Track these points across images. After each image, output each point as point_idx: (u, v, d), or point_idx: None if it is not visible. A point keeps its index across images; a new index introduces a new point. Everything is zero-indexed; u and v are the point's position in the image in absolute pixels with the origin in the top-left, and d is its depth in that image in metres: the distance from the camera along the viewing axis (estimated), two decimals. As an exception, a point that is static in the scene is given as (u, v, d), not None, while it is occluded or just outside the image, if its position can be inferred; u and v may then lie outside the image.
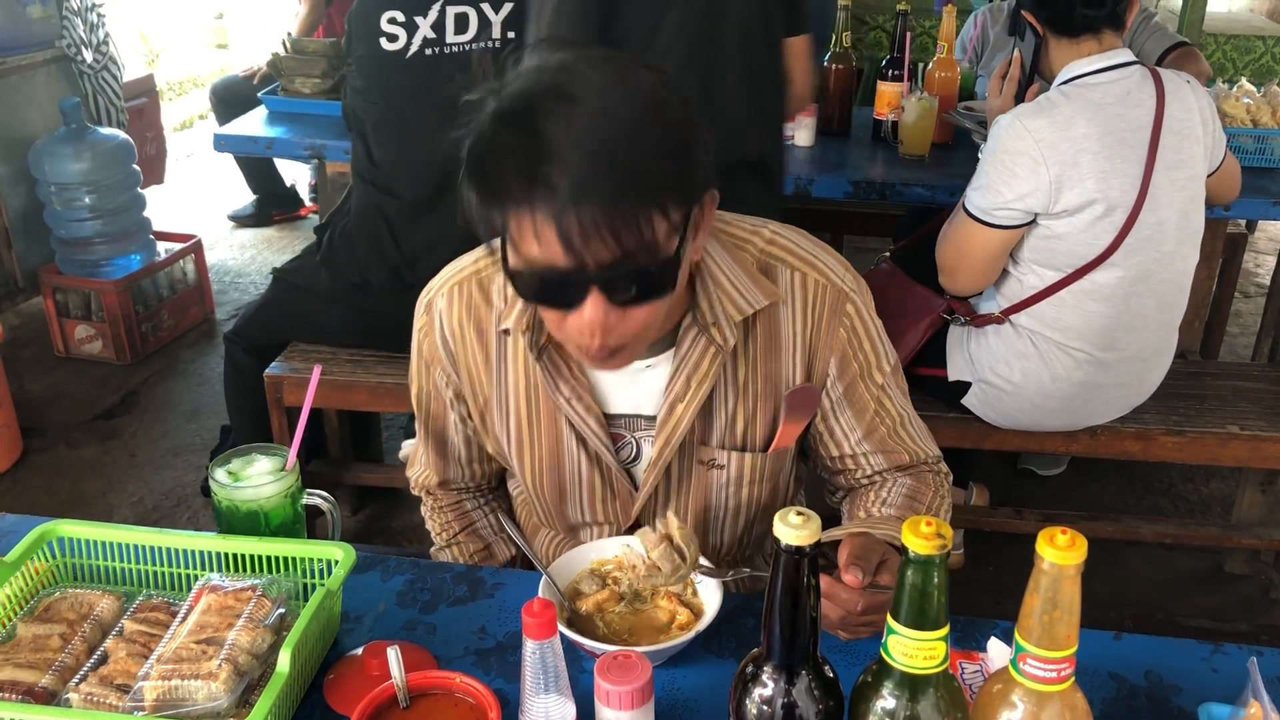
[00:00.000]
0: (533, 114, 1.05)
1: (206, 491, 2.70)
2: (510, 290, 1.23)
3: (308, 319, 2.69)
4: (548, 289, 1.12)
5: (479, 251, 1.36)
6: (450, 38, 2.41)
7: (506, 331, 1.33)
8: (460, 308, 1.36)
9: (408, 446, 2.95)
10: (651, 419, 1.35)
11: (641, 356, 1.30)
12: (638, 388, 1.34)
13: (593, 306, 1.11)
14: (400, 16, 2.42)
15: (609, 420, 1.36)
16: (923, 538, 0.84)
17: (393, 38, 2.43)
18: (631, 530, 1.40)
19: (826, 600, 1.17)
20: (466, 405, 1.43)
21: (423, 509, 1.59)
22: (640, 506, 1.40)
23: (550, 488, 1.41)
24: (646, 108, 1.07)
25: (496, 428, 1.41)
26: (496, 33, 2.40)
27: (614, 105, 1.05)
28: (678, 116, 1.10)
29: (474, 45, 2.41)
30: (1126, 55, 2.20)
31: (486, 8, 2.40)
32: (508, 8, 2.41)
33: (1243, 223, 4.08)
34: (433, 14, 2.41)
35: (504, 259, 1.15)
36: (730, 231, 1.34)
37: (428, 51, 2.42)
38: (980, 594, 2.76)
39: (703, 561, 1.26)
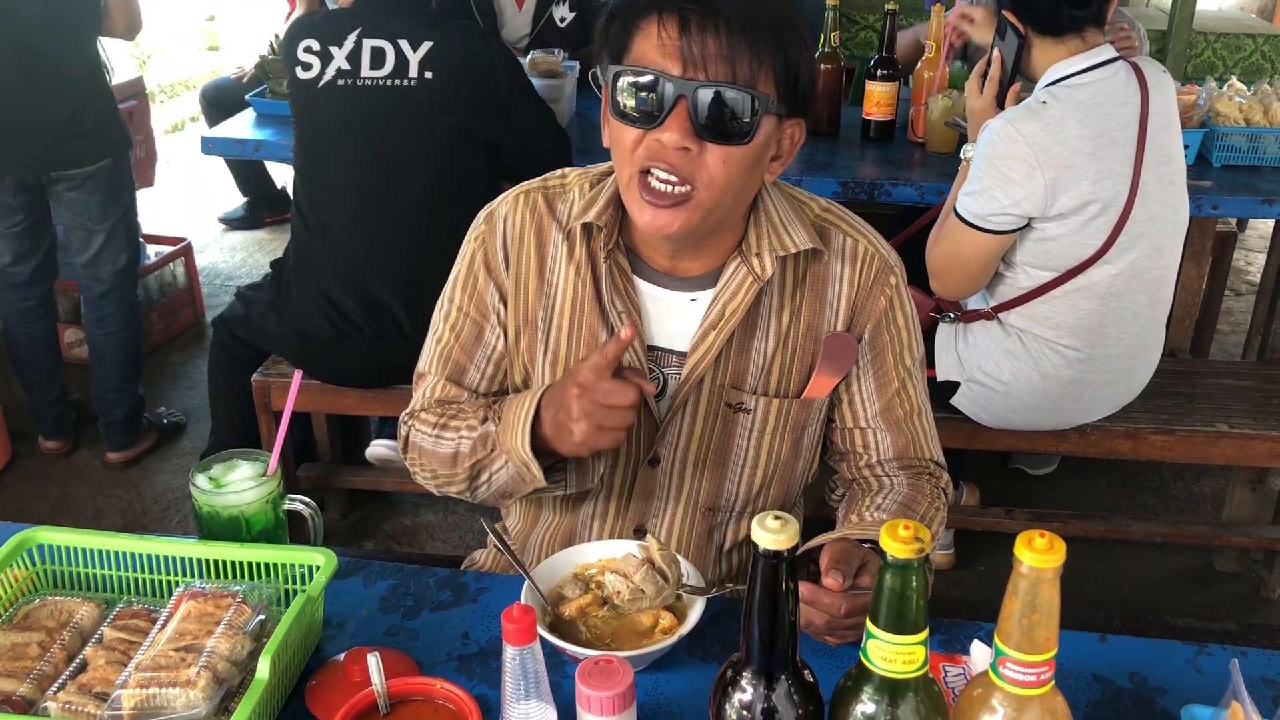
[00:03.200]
0: None
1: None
2: (587, 195, 1.34)
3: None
4: (644, 93, 1.19)
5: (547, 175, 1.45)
6: (365, 71, 2.39)
7: (569, 233, 1.37)
8: (525, 212, 1.41)
9: (377, 446, 2.96)
10: (683, 355, 1.38)
11: (689, 289, 1.37)
12: (680, 321, 1.38)
13: (675, 121, 1.18)
14: (315, 45, 2.42)
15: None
16: (900, 541, 0.84)
17: (307, 66, 2.43)
18: (653, 463, 1.44)
19: (811, 606, 1.17)
20: (504, 314, 1.42)
21: (412, 433, 1.45)
22: (660, 436, 1.41)
23: None
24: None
25: (536, 341, 1.42)
26: (414, 71, 2.38)
27: None
28: (806, 38, 1.25)
29: (389, 81, 2.38)
30: (1109, 51, 2.18)
31: (405, 45, 2.38)
32: (426, 46, 2.37)
33: (1233, 221, 4.08)
34: (348, 45, 2.40)
35: (613, 71, 1.22)
36: (792, 191, 1.43)
37: (340, 82, 2.41)
38: (970, 594, 2.76)
39: (687, 579, 1.27)
